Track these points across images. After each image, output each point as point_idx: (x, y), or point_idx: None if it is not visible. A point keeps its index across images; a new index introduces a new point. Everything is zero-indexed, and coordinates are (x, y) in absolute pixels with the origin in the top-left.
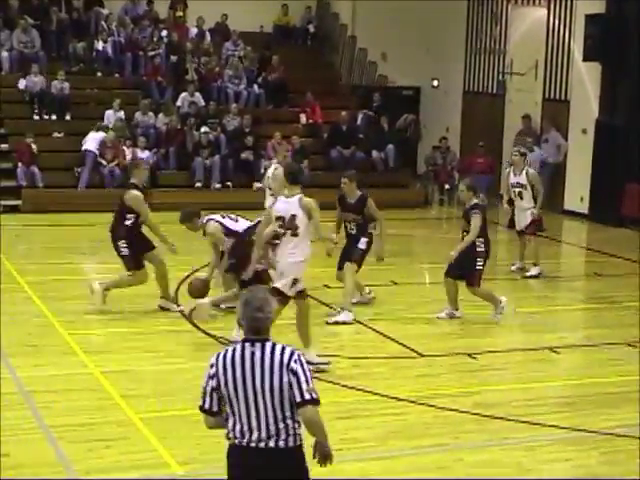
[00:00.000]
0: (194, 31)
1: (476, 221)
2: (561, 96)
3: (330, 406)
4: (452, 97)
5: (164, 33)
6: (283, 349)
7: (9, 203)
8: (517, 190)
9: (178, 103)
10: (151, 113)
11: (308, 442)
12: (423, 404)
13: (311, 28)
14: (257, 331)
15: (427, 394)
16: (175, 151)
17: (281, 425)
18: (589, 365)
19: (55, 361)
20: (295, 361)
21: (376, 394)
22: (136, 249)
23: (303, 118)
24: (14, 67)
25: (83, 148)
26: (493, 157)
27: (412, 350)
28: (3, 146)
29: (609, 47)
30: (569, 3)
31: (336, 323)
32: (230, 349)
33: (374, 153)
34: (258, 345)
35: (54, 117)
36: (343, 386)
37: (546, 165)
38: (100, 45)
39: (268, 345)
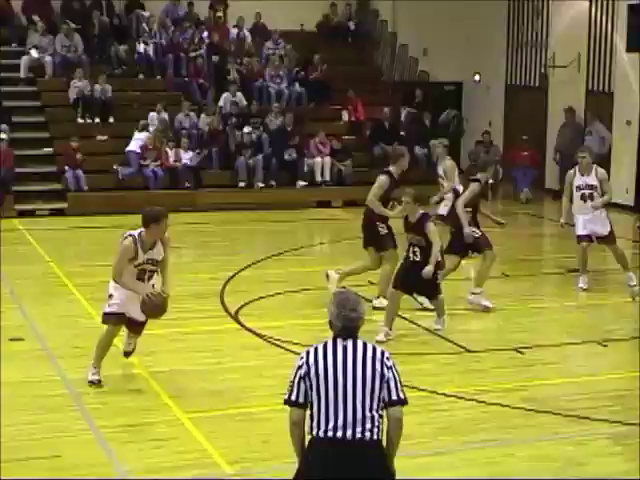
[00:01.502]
0: (234, 31)
1: (435, 231)
2: (605, 88)
3: None
4: (494, 91)
5: (205, 34)
6: (374, 347)
7: (55, 206)
8: (587, 192)
9: (220, 103)
10: (193, 114)
11: None
12: (471, 400)
13: (351, 25)
14: (350, 330)
15: (475, 390)
16: (218, 151)
17: (368, 414)
18: (638, 358)
19: (105, 362)
20: (388, 359)
21: (422, 390)
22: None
23: (345, 115)
24: (57, 71)
25: (126, 149)
26: (537, 150)
27: (459, 346)
28: (48, 150)
29: None
30: None
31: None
32: (321, 345)
33: (417, 149)
34: (350, 341)
35: (97, 120)
36: None
37: None
38: (142, 47)
39: (360, 341)
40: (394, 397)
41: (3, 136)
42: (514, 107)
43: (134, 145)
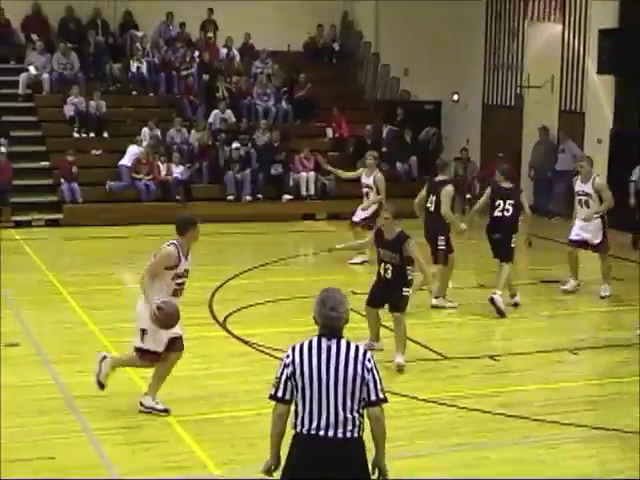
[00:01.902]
0: (224, 51)
1: (416, 249)
2: (577, 108)
3: None
4: (472, 110)
5: (196, 53)
6: (357, 347)
7: (50, 217)
8: (583, 199)
9: (210, 120)
10: (184, 130)
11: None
12: (448, 405)
13: (336, 46)
14: (331, 329)
15: (451, 395)
16: (208, 166)
17: (349, 416)
18: (608, 365)
19: (94, 368)
20: (369, 360)
21: (403, 396)
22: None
23: (330, 132)
24: (54, 88)
25: (119, 163)
26: (513, 167)
27: (436, 353)
28: (44, 163)
29: (622, 60)
30: (583, 18)
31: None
32: (306, 341)
33: (398, 165)
34: (334, 341)
35: (92, 135)
36: None
37: (562, 174)
38: (135, 66)
39: (343, 341)
40: (373, 397)
41: (2, 150)
42: (491, 125)
43: (126, 159)
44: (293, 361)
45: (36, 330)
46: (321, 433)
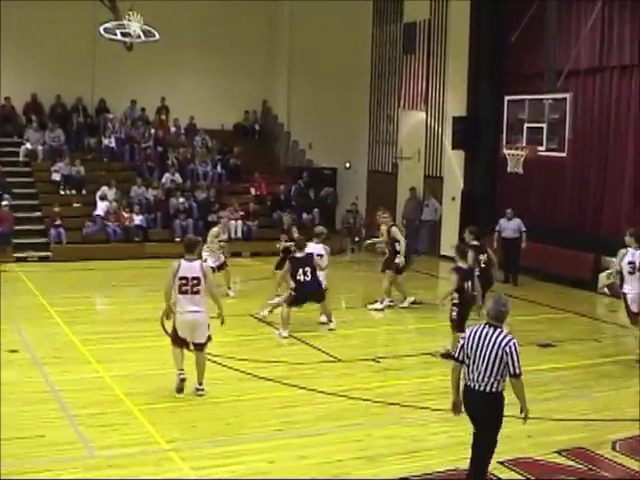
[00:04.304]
0: (173, 129)
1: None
2: (437, 173)
3: (274, 398)
4: (360, 175)
5: (152, 131)
6: (506, 335)
7: (42, 254)
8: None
9: (163, 180)
10: (144, 188)
11: None
12: (342, 396)
13: (257, 126)
14: (497, 319)
15: (344, 388)
16: (161, 215)
17: (494, 377)
18: None
19: (76, 368)
20: (510, 346)
21: (308, 389)
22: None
23: (252, 191)
24: (46, 157)
25: (94, 213)
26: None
27: (332, 356)
28: (37, 213)
29: (469, 139)
30: (441, 108)
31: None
32: (480, 326)
33: (304, 215)
34: (493, 328)
35: (74, 192)
36: (284, 384)
37: (426, 222)
38: (107, 140)
39: (498, 330)
40: (512, 371)
41: (5, 203)
42: (374, 186)
43: (100, 210)
44: (467, 337)
45: (30, 340)
46: (477, 387)
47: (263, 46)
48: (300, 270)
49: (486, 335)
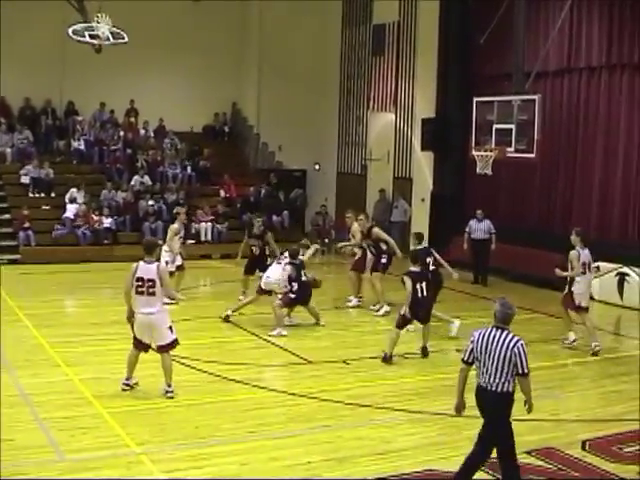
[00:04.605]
0: (143, 131)
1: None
2: (406, 175)
3: (245, 400)
4: (329, 177)
5: (122, 133)
6: (513, 337)
7: (11, 257)
8: None
9: (132, 183)
10: (113, 191)
11: None
12: (312, 397)
13: (227, 128)
14: (504, 321)
15: (314, 390)
16: (130, 218)
17: (505, 378)
18: (431, 365)
19: (46, 372)
20: (518, 347)
21: (278, 391)
22: None
23: (222, 193)
24: (14, 159)
25: (63, 216)
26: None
27: (303, 358)
28: (6, 216)
29: (438, 141)
30: (410, 110)
31: None
32: (487, 329)
33: (273, 217)
34: (500, 330)
35: (43, 195)
36: (254, 386)
37: (396, 224)
38: (76, 143)
39: (506, 332)
40: (520, 371)
41: None
42: (343, 188)
43: (69, 213)
44: (475, 340)
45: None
46: (488, 387)
47: (233, 48)
48: (302, 272)
49: (494, 337)
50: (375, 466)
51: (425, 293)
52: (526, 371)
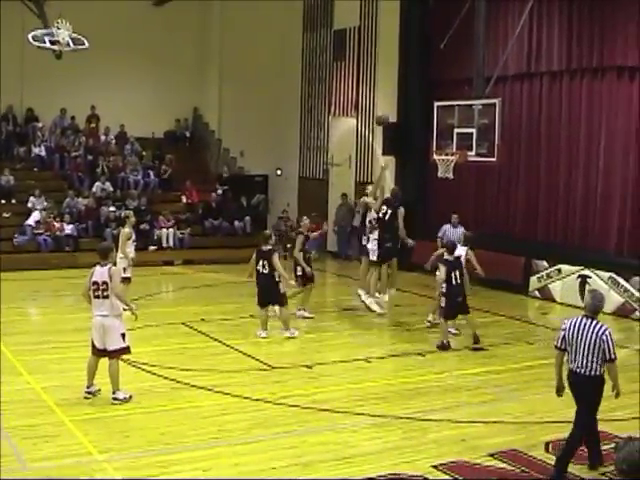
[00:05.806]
0: (104, 137)
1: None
2: (368, 179)
3: (208, 407)
4: (291, 182)
5: (83, 139)
6: (602, 326)
7: None
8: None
9: (93, 189)
10: (75, 197)
11: None
12: (275, 403)
13: (188, 134)
14: (594, 312)
15: (277, 396)
16: (92, 224)
17: (595, 363)
18: (395, 369)
19: (7, 380)
20: (606, 335)
21: (242, 397)
22: None
23: (184, 199)
24: None
25: (24, 223)
26: (321, 223)
27: (265, 364)
28: None
29: (399, 145)
30: (371, 115)
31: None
32: (578, 318)
33: (236, 223)
34: (590, 319)
35: (3, 202)
36: (217, 392)
37: (358, 228)
38: (37, 149)
39: (595, 320)
40: (608, 357)
41: None
42: (305, 193)
43: (31, 220)
44: (567, 327)
45: None
46: (579, 370)
47: (193, 53)
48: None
49: (585, 325)
50: (340, 471)
51: (459, 281)
52: (613, 357)
